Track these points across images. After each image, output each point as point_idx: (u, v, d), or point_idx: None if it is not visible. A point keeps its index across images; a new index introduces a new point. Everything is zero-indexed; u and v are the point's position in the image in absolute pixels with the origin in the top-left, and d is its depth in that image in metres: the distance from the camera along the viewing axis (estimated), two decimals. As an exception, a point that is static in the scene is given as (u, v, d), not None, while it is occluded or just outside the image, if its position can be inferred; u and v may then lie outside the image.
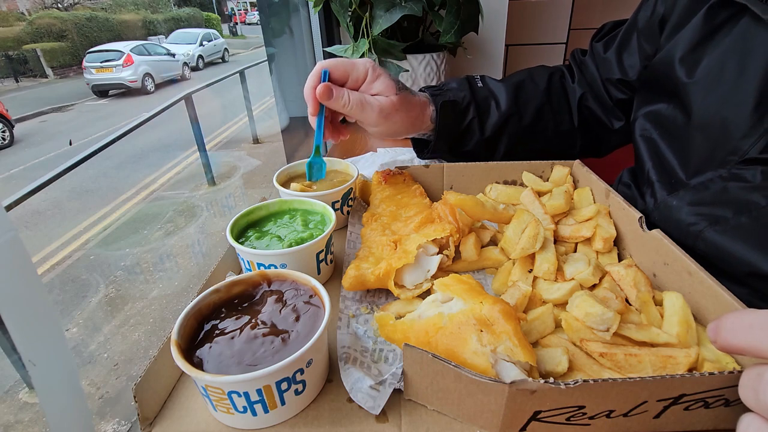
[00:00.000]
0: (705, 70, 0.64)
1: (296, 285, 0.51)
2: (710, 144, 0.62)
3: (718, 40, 0.64)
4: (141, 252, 3.44)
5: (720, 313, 0.45)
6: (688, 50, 0.67)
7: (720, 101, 0.61)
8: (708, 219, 0.57)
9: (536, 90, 0.90)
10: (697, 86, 0.65)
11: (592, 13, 1.83)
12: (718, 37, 0.64)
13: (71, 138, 6.77)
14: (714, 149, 0.61)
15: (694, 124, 0.65)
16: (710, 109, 0.63)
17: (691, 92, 0.66)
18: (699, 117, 0.64)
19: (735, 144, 0.58)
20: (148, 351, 2.60)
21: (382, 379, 0.44)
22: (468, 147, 0.89)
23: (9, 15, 14.48)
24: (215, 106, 7.82)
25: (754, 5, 0.58)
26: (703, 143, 0.63)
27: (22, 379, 2.23)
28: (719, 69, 0.62)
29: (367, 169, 0.98)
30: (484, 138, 0.87)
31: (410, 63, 1.18)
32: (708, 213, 0.57)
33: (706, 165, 0.61)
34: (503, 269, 0.61)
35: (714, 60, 0.63)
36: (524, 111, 0.88)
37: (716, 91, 0.62)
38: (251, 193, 4.55)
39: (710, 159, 0.61)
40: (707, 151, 0.62)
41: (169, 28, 17.14)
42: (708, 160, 0.61)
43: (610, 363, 0.43)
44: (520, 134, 0.89)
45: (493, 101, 0.88)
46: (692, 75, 0.66)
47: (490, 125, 0.87)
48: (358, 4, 1.06)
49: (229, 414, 0.42)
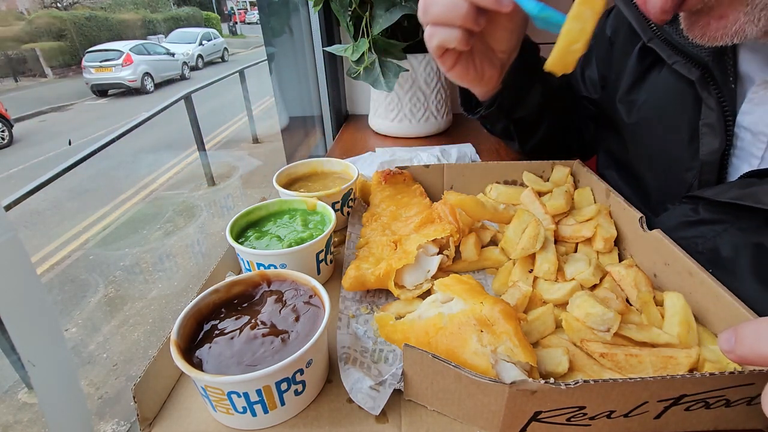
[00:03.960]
0: (642, 111, 0.68)
1: (296, 285, 0.51)
2: (660, 180, 0.66)
3: (650, 80, 0.68)
4: (140, 252, 3.43)
5: (721, 314, 0.45)
6: (624, 91, 0.71)
7: (660, 138, 0.65)
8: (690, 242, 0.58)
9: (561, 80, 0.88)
10: (637, 126, 0.69)
11: (591, 13, 1.83)
12: (650, 78, 0.68)
13: (70, 138, 6.76)
14: (664, 184, 0.65)
15: (642, 162, 0.69)
16: (653, 146, 0.66)
17: (633, 132, 0.70)
18: (644, 154, 0.68)
19: (681, 176, 0.62)
20: (147, 351, 2.60)
21: (382, 379, 0.44)
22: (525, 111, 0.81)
23: (8, 14, 14.46)
24: (215, 105, 7.81)
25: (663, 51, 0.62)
26: (654, 180, 0.67)
27: (21, 380, 2.23)
28: (655, 107, 0.66)
29: (367, 168, 0.98)
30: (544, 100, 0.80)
31: (410, 63, 1.18)
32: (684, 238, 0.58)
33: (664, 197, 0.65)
34: (503, 269, 0.61)
35: (649, 100, 0.67)
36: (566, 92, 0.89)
37: (656, 129, 0.66)
38: (251, 193, 4.54)
39: (665, 192, 0.65)
40: (660, 187, 0.66)
41: (168, 28, 17.12)
42: (664, 193, 0.66)
43: (610, 363, 0.43)
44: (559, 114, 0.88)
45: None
46: (630, 116, 0.70)
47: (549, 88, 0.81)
48: (358, 4, 1.06)
49: (228, 414, 0.42)
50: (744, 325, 0.33)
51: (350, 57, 1.09)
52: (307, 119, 1.60)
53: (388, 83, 1.07)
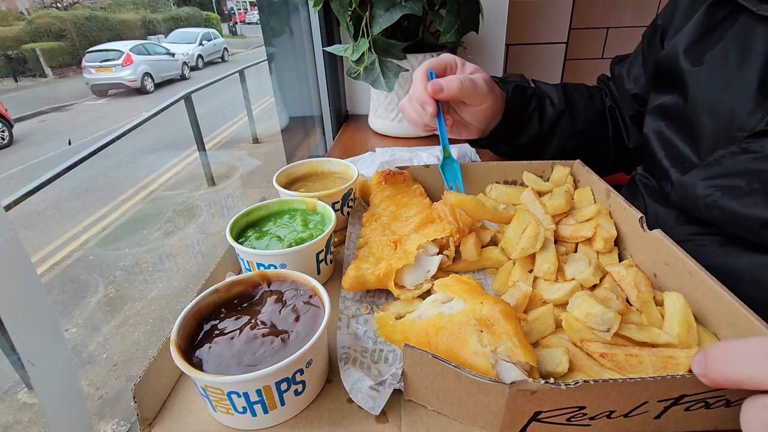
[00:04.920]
0: (708, 59, 0.68)
1: (296, 285, 0.51)
2: (718, 125, 0.65)
3: (719, 34, 0.68)
4: (140, 252, 3.43)
5: (721, 314, 0.45)
6: (691, 44, 0.72)
7: (724, 85, 0.65)
8: (722, 189, 0.59)
9: (582, 95, 0.95)
10: (701, 73, 0.69)
11: (592, 13, 1.83)
12: (718, 32, 0.69)
13: (70, 138, 6.76)
14: (722, 129, 0.64)
15: (701, 108, 0.68)
16: (716, 93, 0.66)
17: (697, 79, 0.70)
18: (705, 101, 0.68)
19: (742, 122, 0.61)
20: (147, 351, 2.60)
21: (382, 379, 0.44)
22: (524, 138, 0.92)
23: (8, 14, 14.45)
24: (215, 105, 7.81)
25: (749, 2, 0.63)
26: (711, 125, 0.66)
27: (21, 380, 2.23)
28: (722, 57, 0.66)
29: (367, 168, 0.98)
30: (542, 130, 0.91)
31: (410, 63, 1.18)
32: (722, 184, 0.59)
33: (716, 144, 0.64)
34: (503, 269, 0.61)
35: (717, 50, 0.67)
36: (575, 112, 0.93)
37: (720, 77, 0.66)
38: (251, 193, 4.54)
39: (719, 138, 0.64)
40: (716, 132, 0.65)
41: (168, 28, 17.10)
42: (717, 140, 0.64)
43: (610, 363, 0.43)
44: (571, 134, 0.93)
45: (548, 98, 0.92)
46: (697, 64, 0.70)
47: (547, 118, 0.91)
48: (358, 4, 1.05)
49: (228, 414, 0.42)
50: (711, 347, 0.32)
51: (350, 57, 1.09)
52: (307, 119, 1.60)
53: (388, 83, 1.07)
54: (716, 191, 0.59)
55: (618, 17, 1.85)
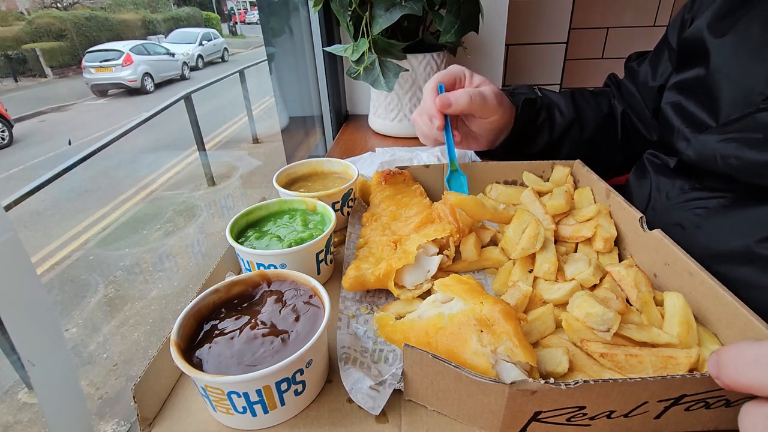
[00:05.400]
0: (732, 32, 0.69)
1: (296, 285, 0.51)
2: (737, 91, 0.66)
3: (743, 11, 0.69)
4: (140, 252, 3.43)
5: (721, 314, 0.45)
6: (715, 20, 0.72)
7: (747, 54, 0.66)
8: (739, 141, 0.59)
9: (588, 102, 0.96)
10: (725, 43, 0.69)
11: (592, 13, 1.83)
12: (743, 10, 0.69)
13: (70, 138, 6.76)
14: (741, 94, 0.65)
15: (722, 75, 0.68)
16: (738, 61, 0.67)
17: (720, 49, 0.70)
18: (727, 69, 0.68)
19: (762, 88, 0.61)
20: (147, 351, 2.60)
21: (382, 379, 0.44)
22: (535, 148, 0.92)
23: (8, 14, 14.45)
24: (215, 105, 7.81)
25: None
26: (731, 91, 0.67)
27: (21, 380, 2.23)
28: (746, 28, 0.67)
29: (367, 168, 0.98)
30: (552, 140, 0.91)
31: (410, 63, 1.18)
32: (739, 137, 0.59)
33: (734, 109, 0.65)
34: (503, 269, 0.61)
35: (740, 26, 0.68)
36: (584, 120, 0.93)
37: (743, 47, 0.66)
38: (251, 193, 4.54)
39: (738, 103, 0.65)
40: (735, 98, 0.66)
41: (168, 28, 17.10)
42: (736, 104, 0.65)
43: (610, 363, 0.43)
44: (580, 142, 0.93)
45: (556, 108, 0.93)
46: (720, 35, 0.70)
47: (557, 129, 0.92)
48: (358, 4, 1.05)
49: (228, 414, 0.42)
50: (724, 351, 0.31)
51: (350, 57, 1.09)
52: (307, 119, 1.60)
53: (388, 83, 1.07)
54: (733, 143, 0.59)
55: (618, 17, 1.85)
